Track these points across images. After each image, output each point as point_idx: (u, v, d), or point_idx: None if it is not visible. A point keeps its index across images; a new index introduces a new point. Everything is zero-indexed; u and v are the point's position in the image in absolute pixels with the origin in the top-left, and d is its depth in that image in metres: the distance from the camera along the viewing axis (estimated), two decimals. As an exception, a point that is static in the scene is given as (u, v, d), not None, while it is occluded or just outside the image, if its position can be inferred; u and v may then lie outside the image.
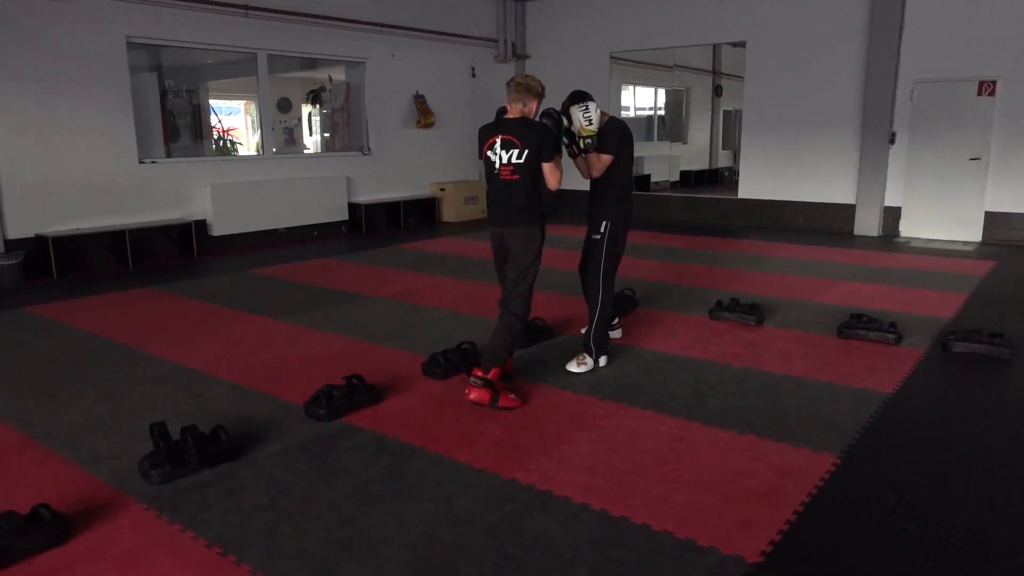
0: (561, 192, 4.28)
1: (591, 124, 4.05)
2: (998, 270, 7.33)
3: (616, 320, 4.93)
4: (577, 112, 4.07)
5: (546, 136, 3.77)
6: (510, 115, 3.83)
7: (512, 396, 3.77)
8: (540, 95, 3.84)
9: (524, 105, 3.79)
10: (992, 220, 8.96)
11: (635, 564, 2.43)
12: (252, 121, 13.95)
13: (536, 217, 3.84)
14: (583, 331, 4.56)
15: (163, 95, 9.34)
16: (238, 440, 3.29)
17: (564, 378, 4.19)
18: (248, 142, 14.02)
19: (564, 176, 3.89)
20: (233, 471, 3.09)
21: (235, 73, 11.36)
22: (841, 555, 2.49)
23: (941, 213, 9.26)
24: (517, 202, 3.80)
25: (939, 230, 9.28)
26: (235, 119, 14.56)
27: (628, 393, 3.93)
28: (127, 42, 7.96)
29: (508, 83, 3.85)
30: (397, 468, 3.11)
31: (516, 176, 3.76)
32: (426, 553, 2.49)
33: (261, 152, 9.85)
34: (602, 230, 4.29)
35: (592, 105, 4.07)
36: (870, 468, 3.13)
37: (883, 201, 9.60)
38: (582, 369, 4.27)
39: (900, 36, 9.14)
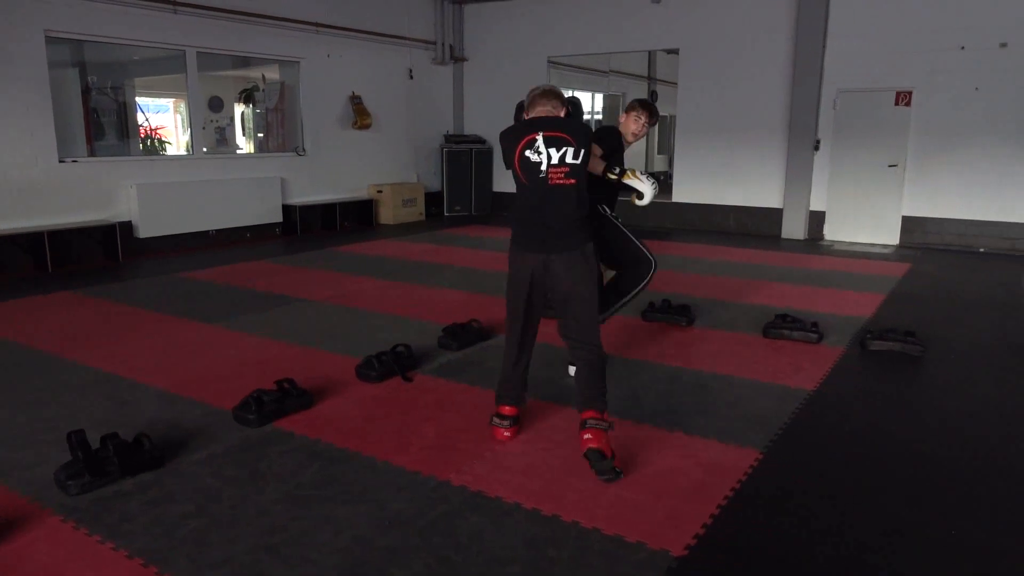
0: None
1: None
2: (913, 271, 7.71)
3: None
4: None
5: (590, 133, 3.32)
6: (540, 115, 3.23)
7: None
8: (565, 105, 3.30)
9: (554, 110, 3.24)
10: (908, 224, 9.41)
11: (567, 562, 2.46)
12: (182, 120, 13.53)
13: (591, 233, 3.27)
14: None
15: (86, 92, 8.98)
16: (163, 448, 3.20)
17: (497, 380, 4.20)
18: (177, 141, 13.60)
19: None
20: (157, 480, 3.00)
21: (164, 70, 11.02)
22: (762, 545, 2.59)
23: (862, 217, 9.68)
24: (570, 216, 3.13)
25: (860, 233, 9.70)
26: (164, 118, 14.10)
27: (564, 394, 3.98)
28: (46, 36, 7.64)
29: (532, 93, 3.27)
30: (329, 472, 3.08)
31: (572, 180, 3.11)
32: (358, 557, 2.48)
33: (191, 152, 9.58)
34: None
35: None
36: (792, 462, 3.25)
37: (808, 205, 9.98)
38: None
39: (824, 47, 9.52)
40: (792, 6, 9.67)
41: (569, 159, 3.09)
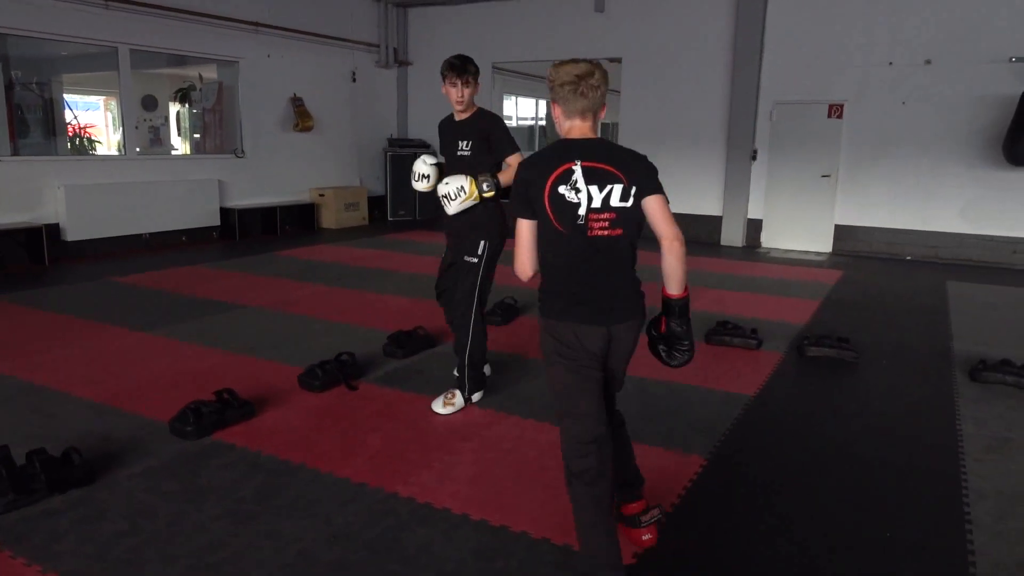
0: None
1: None
2: (845, 278, 8.00)
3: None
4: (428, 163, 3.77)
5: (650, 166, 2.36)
6: (575, 134, 2.32)
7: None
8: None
9: (595, 117, 2.34)
10: (840, 232, 9.76)
11: (516, 572, 2.46)
12: (113, 118, 13.04)
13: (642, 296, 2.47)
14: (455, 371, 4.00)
15: (9, 87, 8.55)
16: (94, 463, 3.06)
17: (445, 388, 4.17)
18: (108, 141, 13.10)
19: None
20: (89, 496, 2.87)
21: (94, 67, 10.62)
22: (708, 551, 2.63)
23: (797, 225, 9.99)
24: (623, 277, 2.38)
25: (795, 241, 10.01)
26: (94, 116, 13.57)
27: (511, 402, 3.97)
28: (-34, 28, 7.27)
29: (570, 78, 2.26)
30: (272, 486, 2.99)
31: (619, 231, 2.28)
32: (303, 573, 2.42)
33: (123, 152, 9.22)
34: (480, 252, 3.78)
35: None
36: (735, 466, 3.32)
37: (747, 214, 10.25)
38: (448, 410, 3.78)
39: (760, 60, 9.80)
40: (730, 19, 9.93)
41: (617, 202, 2.26)
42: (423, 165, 3.91)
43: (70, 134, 11.39)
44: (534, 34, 11.44)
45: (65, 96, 11.05)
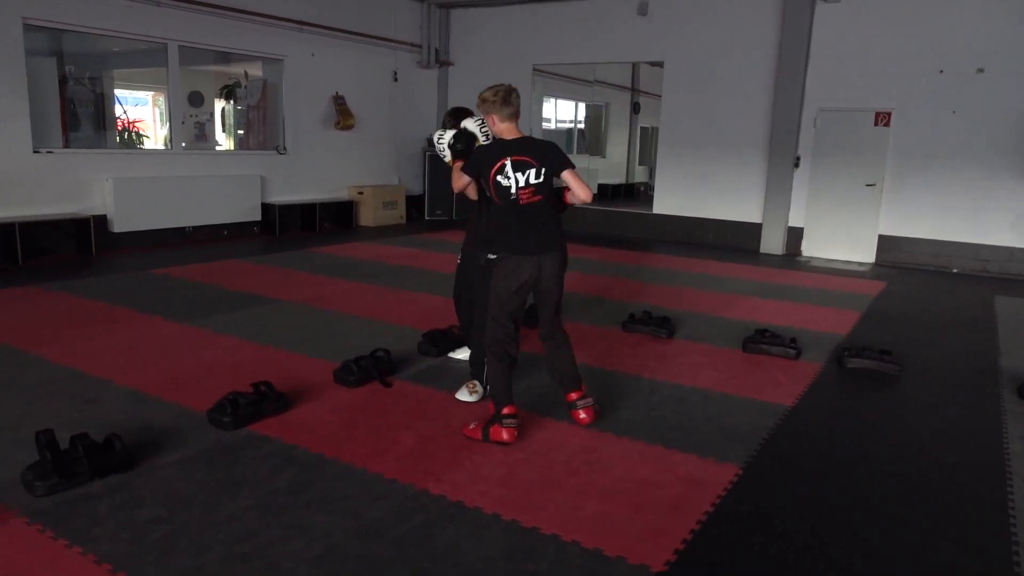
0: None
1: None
2: (888, 291, 7.81)
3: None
4: (475, 125, 3.80)
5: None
6: (507, 135, 3.51)
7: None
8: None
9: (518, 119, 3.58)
10: (885, 243, 9.54)
11: (545, 574, 2.44)
12: (161, 114, 13.34)
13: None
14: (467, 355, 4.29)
15: (63, 82, 8.81)
16: (133, 449, 3.12)
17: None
18: (156, 136, 13.40)
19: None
20: (127, 482, 2.92)
21: (144, 63, 10.86)
22: (741, 562, 2.58)
23: (839, 235, 9.80)
24: (545, 225, 3.51)
25: (837, 251, 9.81)
26: (142, 111, 13.89)
27: (541, 404, 3.95)
28: (24, 24, 7.48)
29: (501, 94, 3.48)
30: (304, 479, 3.02)
31: (539, 197, 3.46)
32: (332, 567, 2.43)
33: (169, 146, 9.43)
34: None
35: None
36: (771, 477, 3.26)
37: (787, 221, 10.08)
38: (474, 398, 3.97)
39: (806, 66, 9.64)
40: (776, 25, 9.78)
41: (532, 180, 3.45)
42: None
43: (119, 128, 11.67)
44: (576, 37, 11.41)
45: (115, 91, 11.32)
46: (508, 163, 3.40)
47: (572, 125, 17.04)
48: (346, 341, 4.92)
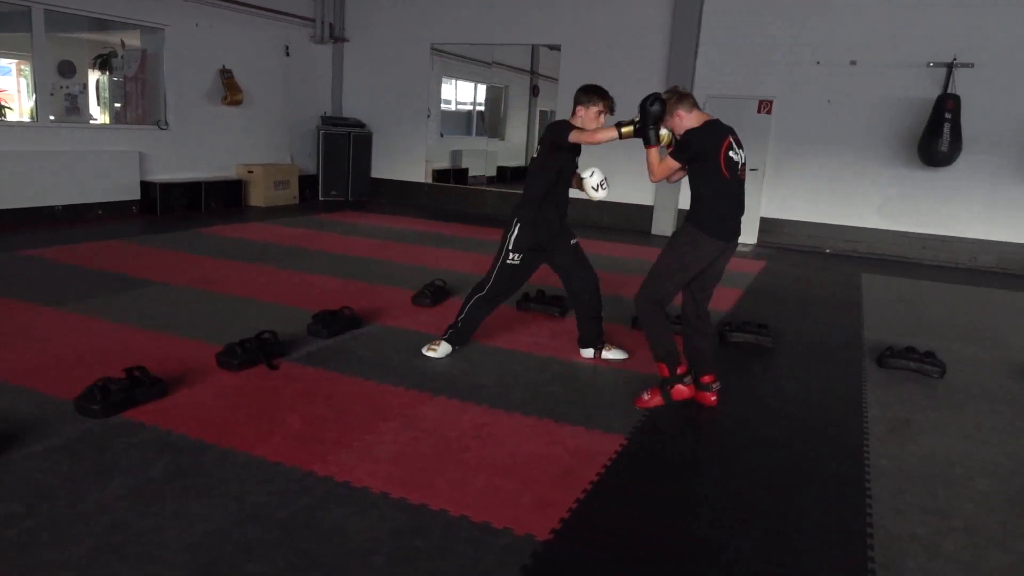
0: None
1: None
2: (767, 269, 8.25)
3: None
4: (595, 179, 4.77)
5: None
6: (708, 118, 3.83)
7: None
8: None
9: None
10: (766, 225, 10.06)
11: (433, 550, 2.44)
12: (26, 84, 12.34)
13: None
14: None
15: (-92, 45, 7.99)
16: (-11, 441, 2.89)
17: (369, 369, 4.12)
18: (20, 107, 12.39)
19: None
20: (-19, 477, 2.71)
21: (5, 28, 10.00)
22: (622, 528, 2.67)
23: (725, 217, 10.22)
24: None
25: (723, 232, 10.24)
26: (5, 80, 12.81)
27: (435, 383, 3.95)
28: None
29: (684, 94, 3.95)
30: (181, 465, 2.89)
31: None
32: (211, 553, 2.34)
33: (36, 119, 8.73)
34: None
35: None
36: (654, 445, 3.39)
37: (677, 204, 10.44)
38: (431, 355, 4.37)
39: (696, 54, 9.97)
40: (669, 10, 10.05)
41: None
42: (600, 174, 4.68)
43: (-22, 98, 10.72)
44: (475, 17, 11.33)
45: (-28, 57, 10.39)
46: (732, 140, 3.66)
47: (471, 107, 16.98)
48: (232, 324, 4.73)
